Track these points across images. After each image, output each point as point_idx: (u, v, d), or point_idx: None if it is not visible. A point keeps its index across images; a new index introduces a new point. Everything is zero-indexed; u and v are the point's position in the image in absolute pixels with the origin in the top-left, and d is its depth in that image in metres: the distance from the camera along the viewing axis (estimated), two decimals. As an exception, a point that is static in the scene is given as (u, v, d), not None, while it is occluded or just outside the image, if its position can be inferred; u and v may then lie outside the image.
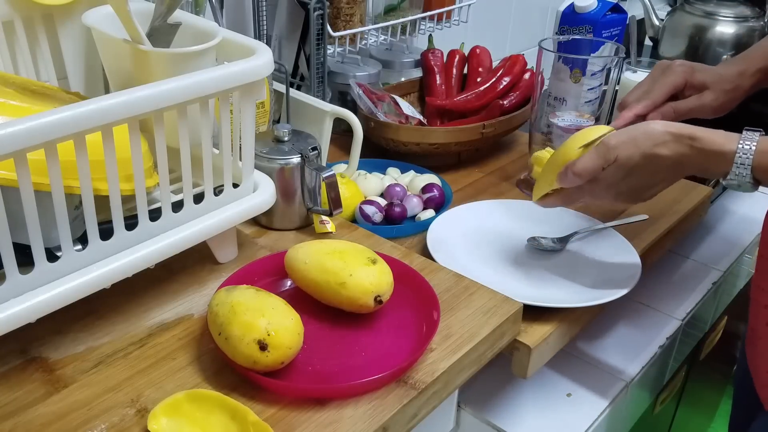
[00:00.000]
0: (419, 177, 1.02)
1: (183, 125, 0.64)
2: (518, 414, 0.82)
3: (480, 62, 1.21)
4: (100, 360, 0.64)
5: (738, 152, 0.65)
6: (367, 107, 1.07)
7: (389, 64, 1.25)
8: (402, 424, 0.62)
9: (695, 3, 1.47)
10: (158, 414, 0.57)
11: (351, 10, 1.09)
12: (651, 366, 0.92)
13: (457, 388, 0.69)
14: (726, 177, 0.67)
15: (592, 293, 0.80)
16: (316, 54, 1.02)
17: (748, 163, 0.65)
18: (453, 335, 0.68)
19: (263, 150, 0.81)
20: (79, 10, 0.75)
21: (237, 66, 0.65)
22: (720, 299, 1.18)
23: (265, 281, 0.73)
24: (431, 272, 0.77)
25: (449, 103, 1.15)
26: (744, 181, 0.66)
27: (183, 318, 0.69)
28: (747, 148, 0.65)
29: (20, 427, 0.57)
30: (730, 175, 0.66)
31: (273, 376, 0.60)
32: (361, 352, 0.66)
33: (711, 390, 1.59)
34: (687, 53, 1.46)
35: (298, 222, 0.85)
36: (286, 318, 0.61)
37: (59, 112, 0.53)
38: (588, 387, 0.86)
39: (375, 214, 0.90)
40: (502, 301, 0.73)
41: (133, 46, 0.67)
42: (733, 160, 0.65)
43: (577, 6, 1.31)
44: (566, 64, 1.01)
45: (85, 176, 0.58)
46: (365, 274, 0.67)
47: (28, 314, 0.57)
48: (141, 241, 0.65)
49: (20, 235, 0.57)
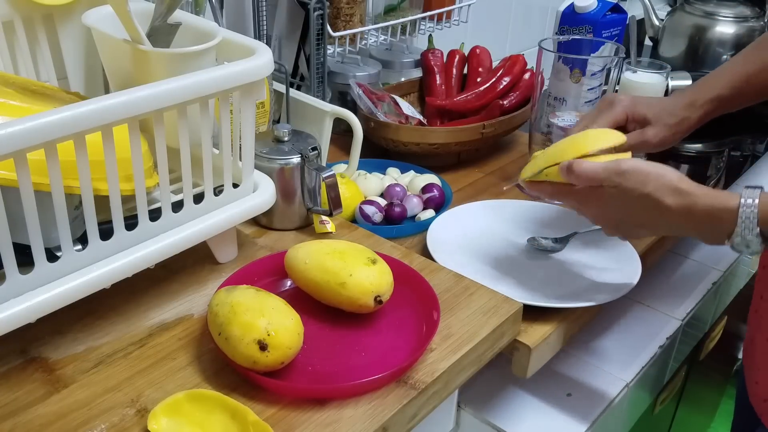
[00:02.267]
0: (419, 177, 1.02)
1: (183, 125, 0.64)
2: (518, 414, 0.82)
3: (480, 62, 1.21)
4: (100, 360, 0.64)
5: (742, 206, 0.62)
6: (367, 107, 1.07)
7: (389, 64, 1.25)
8: (402, 424, 0.62)
9: (695, 3, 1.47)
10: (158, 414, 0.57)
11: (351, 10, 1.09)
12: (651, 366, 0.92)
13: (457, 388, 0.69)
14: (731, 237, 0.63)
15: (592, 293, 0.80)
16: (316, 54, 1.02)
17: (754, 216, 0.62)
18: (453, 335, 0.68)
19: (263, 150, 0.81)
20: (79, 10, 0.75)
21: (237, 66, 0.65)
22: (720, 299, 1.18)
23: (265, 281, 0.73)
24: (431, 272, 0.77)
25: (449, 103, 1.15)
26: (751, 238, 0.62)
27: (183, 318, 0.69)
28: (750, 202, 0.62)
29: (20, 427, 0.57)
30: (735, 234, 0.62)
31: (273, 376, 0.60)
32: (361, 352, 0.66)
33: (711, 390, 1.59)
34: (687, 53, 1.46)
35: (298, 222, 0.85)
36: (286, 318, 0.61)
37: (59, 112, 0.53)
38: (588, 387, 0.86)
39: (375, 214, 0.90)
40: (502, 301, 0.73)
41: (133, 46, 0.67)
42: (737, 215, 0.62)
43: (577, 6, 1.31)
44: (566, 64, 1.01)
45: (85, 176, 0.58)
46: (365, 274, 0.67)
47: (28, 314, 0.57)
48: (141, 241, 0.65)
49: (20, 235, 0.57)
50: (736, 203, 0.62)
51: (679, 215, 0.66)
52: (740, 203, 0.62)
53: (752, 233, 0.62)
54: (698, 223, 0.65)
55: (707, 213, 0.64)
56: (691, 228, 0.67)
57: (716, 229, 0.64)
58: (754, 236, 0.62)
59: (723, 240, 0.64)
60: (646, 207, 0.67)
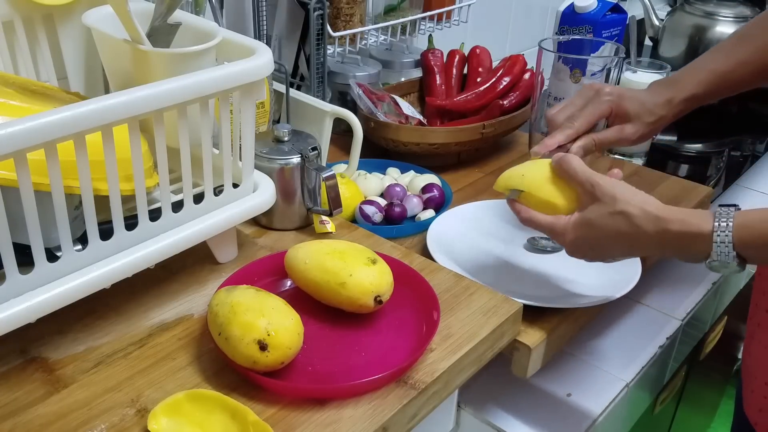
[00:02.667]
0: (419, 177, 1.02)
1: (183, 125, 0.64)
2: (518, 414, 0.82)
3: (480, 62, 1.21)
4: (100, 360, 0.64)
5: (716, 230, 0.61)
6: (367, 107, 1.07)
7: (389, 64, 1.25)
8: (402, 424, 0.62)
9: (695, 3, 1.47)
10: (158, 414, 0.57)
11: (351, 10, 1.09)
12: (651, 366, 0.92)
13: (457, 388, 0.69)
14: (709, 259, 0.62)
15: (592, 293, 0.80)
16: (316, 54, 1.02)
17: (728, 240, 0.60)
18: (453, 335, 0.68)
19: (263, 150, 0.81)
20: (79, 10, 0.75)
21: (237, 66, 0.65)
22: (720, 299, 1.19)
23: (265, 281, 0.73)
24: (431, 272, 0.77)
25: (449, 103, 1.15)
26: (728, 260, 0.61)
27: (183, 318, 0.69)
28: (724, 225, 0.61)
29: (20, 427, 0.57)
30: (712, 256, 0.61)
31: (273, 376, 0.60)
32: (361, 352, 0.66)
33: (711, 390, 1.59)
34: (687, 53, 1.46)
35: (298, 222, 0.85)
36: (286, 318, 0.61)
37: (59, 112, 0.53)
38: (588, 387, 0.86)
39: (375, 214, 0.90)
40: (502, 301, 0.73)
41: (133, 46, 0.67)
42: (711, 239, 0.61)
43: (577, 6, 1.31)
44: (566, 64, 1.01)
45: (85, 176, 0.58)
46: (365, 274, 0.67)
47: (28, 314, 0.57)
48: (141, 241, 0.65)
49: (20, 235, 0.57)
50: (710, 228, 0.61)
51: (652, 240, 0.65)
52: (713, 227, 0.61)
53: (728, 256, 0.61)
54: (673, 247, 0.64)
55: (680, 238, 0.63)
56: (666, 251, 0.66)
57: (692, 253, 0.64)
58: (731, 259, 0.61)
59: (700, 261, 0.63)
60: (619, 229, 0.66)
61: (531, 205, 0.73)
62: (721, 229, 0.61)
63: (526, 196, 0.73)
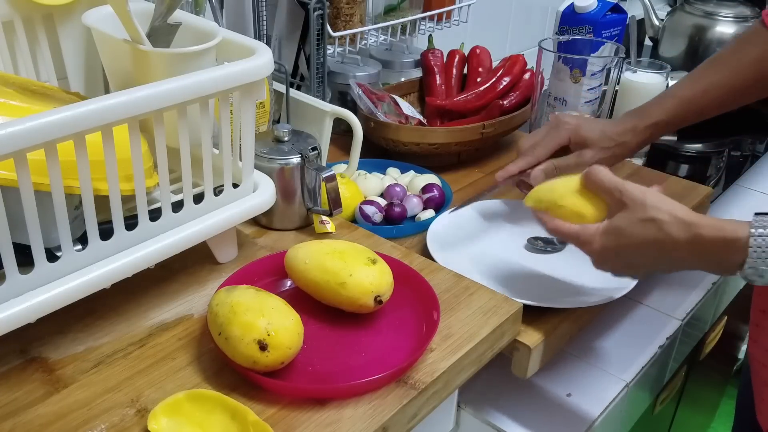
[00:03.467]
0: (419, 177, 1.02)
1: (183, 125, 0.64)
2: (518, 414, 0.82)
3: (480, 62, 1.21)
4: (100, 360, 0.64)
5: (752, 236, 0.59)
6: (367, 107, 1.07)
7: (389, 64, 1.25)
8: (402, 424, 0.62)
9: (695, 3, 1.47)
10: (158, 414, 0.57)
11: (351, 10, 1.09)
12: (651, 366, 0.92)
13: (457, 388, 0.69)
14: (743, 267, 0.60)
15: (592, 293, 0.80)
16: (316, 54, 1.02)
17: (766, 245, 0.59)
18: (453, 335, 0.68)
19: (263, 150, 0.81)
20: (79, 10, 0.75)
21: (237, 66, 0.65)
22: (720, 299, 1.18)
23: (265, 281, 0.73)
24: (431, 272, 0.77)
25: (449, 103, 1.15)
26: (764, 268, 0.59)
27: (183, 318, 0.69)
28: (762, 231, 0.59)
29: (20, 427, 0.57)
30: (748, 262, 0.59)
31: (273, 376, 0.60)
32: (361, 352, 0.66)
33: (711, 390, 1.59)
34: (687, 53, 1.46)
35: (298, 222, 0.85)
36: (286, 318, 0.61)
37: (59, 112, 0.53)
38: (588, 387, 0.86)
39: (375, 214, 0.90)
40: (502, 301, 0.73)
41: (133, 46, 0.67)
42: (747, 245, 0.59)
43: (577, 6, 1.32)
44: (566, 64, 1.01)
45: (85, 176, 0.58)
46: (365, 274, 0.67)
47: (28, 314, 0.57)
48: (141, 241, 0.65)
49: (20, 235, 0.57)
50: (746, 233, 0.60)
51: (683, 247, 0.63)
52: (750, 233, 0.59)
53: (765, 263, 0.59)
54: (705, 254, 0.63)
55: (713, 244, 0.61)
56: (696, 261, 0.64)
57: (725, 261, 0.62)
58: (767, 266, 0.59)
59: (733, 271, 0.61)
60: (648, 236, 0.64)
61: (560, 216, 0.71)
62: (759, 235, 0.59)
63: (555, 208, 0.72)
